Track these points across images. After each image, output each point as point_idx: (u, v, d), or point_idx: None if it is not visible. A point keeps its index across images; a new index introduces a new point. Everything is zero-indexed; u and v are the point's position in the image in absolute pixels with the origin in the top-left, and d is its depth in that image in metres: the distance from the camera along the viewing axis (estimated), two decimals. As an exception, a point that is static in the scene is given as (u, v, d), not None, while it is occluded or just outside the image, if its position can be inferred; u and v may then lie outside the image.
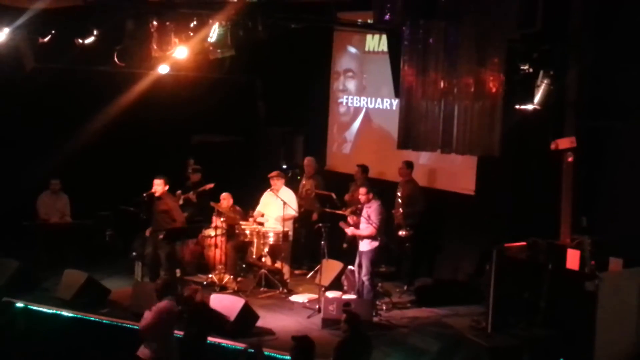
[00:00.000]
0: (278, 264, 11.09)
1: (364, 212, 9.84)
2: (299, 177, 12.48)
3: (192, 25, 9.83)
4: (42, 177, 12.05)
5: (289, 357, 8.36)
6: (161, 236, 10.25)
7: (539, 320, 8.83)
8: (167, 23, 9.84)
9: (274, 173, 11.26)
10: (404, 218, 10.74)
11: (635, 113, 8.86)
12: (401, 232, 10.71)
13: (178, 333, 7.84)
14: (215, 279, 11.01)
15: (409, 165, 11.17)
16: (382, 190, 10.74)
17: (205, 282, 11.12)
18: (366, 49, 12.85)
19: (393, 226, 10.82)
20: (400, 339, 9.21)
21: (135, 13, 9.93)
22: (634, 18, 8.94)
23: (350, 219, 10.23)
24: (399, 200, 10.87)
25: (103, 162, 12.55)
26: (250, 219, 11.24)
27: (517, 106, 9.15)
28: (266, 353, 8.54)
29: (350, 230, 10.07)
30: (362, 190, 9.92)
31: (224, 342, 8.85)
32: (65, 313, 9.74)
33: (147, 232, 10.48)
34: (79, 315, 9.67)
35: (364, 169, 11.65)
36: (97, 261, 11.43)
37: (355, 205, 10.50)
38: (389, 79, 9.66)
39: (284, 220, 10.90)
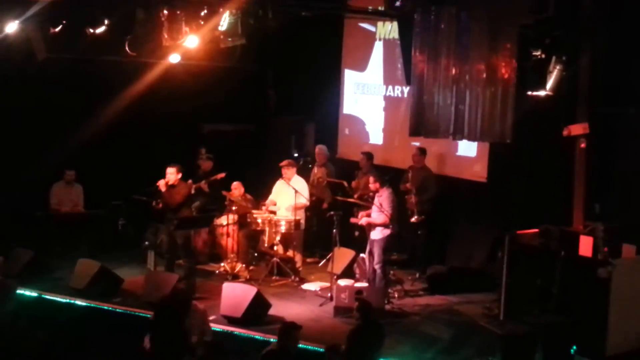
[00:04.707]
0: (290, 253, 11.11)
1: (376, 201, 9.82)
2: (310, 166, 12.47)
3: (202, 14, 9.81)
4: (54, 167, 12.08)
5: (300, 345, 8.44)
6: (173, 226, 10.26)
7: (551, 307, 8.80)
8: (178, 12, 9.82)
9: (286, 162, 11.25)
10: (416, 205, 10.70)
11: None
12: (413, 219, 10.68)
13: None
14: (227, 267, 11.04)
15: (423, 152, 11.15)
16: (394, 177, 10.74)
17: (217, 271, 11.17)
18: (377, 36, 12.81)
19: (406, 213, 10.78)
20: (413, 326, 9.21)
21: (146, 2, 9.93)
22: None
23: (359, 214, 10.20)
24: (409, 187, 10.84)
25: (115, 151, 12.58)
26: (262, 208, 11.25)
27: (529, 92, 9.09)
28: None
29: (364, 221, 10.04)
30: (371, 179, 9.89)
31: (237, 331, 8.89)
32: (78, 302, 9.78)
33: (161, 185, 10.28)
34: (92, 304, 9.72)
35: (368, 156, 11.61)
36: (110, 250, 11.48)
37: (363, 191, 10.48)
38: (400, 66, 9.62)
39: (296, 208, 10.90)
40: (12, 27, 9.87)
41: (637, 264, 8.27)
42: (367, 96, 13.12)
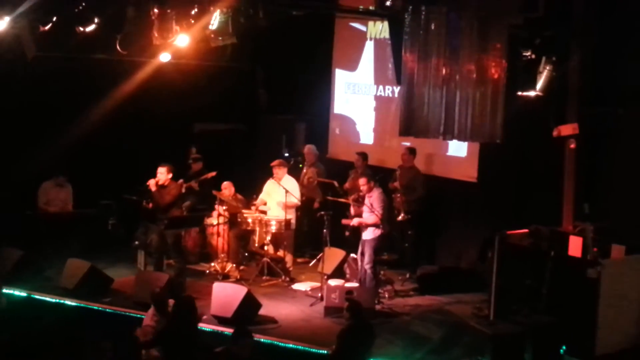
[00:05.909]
0: (280, 252, 11.10)
1: (367, 201, 9.83)
2: (300, 166, 12.46)
3: (193, 12, 9.78)
4: (44, 166, 12.02)
5: (291, 345, 8.46)
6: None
7: (541, 307, 8.80)
8: (168, 10, 9.78)
9: (276, 162, 11.24)
10: (402, 204, 10.71)
11: (637, 99, 8.82)
12: (399, 217, 10.69)
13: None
14: (217, 267, 11.02)
15: (412, 151, 11.16)
16: (384, 177, 10.74)
17: (207, 271, 11.14)
18: (368, 35, 12.80)
19: (394, 212, 10.79)
20: (403, 326, 9.22)
21: (136, 0, 9.89)
22: (637, 4, 8.88)
23: (350, 210, 10.20)
24: (398, 186, 10.84)
25: (105, 150, 12.53)
26: (253, 207, 11.23)
27: (520, 92, 9.11)
28: (268, 341, 8.57)
29: (355, 221, 10.03)
30: (362, 180, 9.90)
31: (227, 331, 8.85)
32: (68, 302, 9.76)
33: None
34: (82, 304, 9.70)
35: (363, 156, 11.62)
36: (100, 250, 11.41)
37: (357, 193, 10.48)
38: (391, 66, 9.61)
39: (286, 208, 10.89)
40: (1, 25, 9.81)
41: (626, 265, 8.29)
42: (358, 96, 13.11)
